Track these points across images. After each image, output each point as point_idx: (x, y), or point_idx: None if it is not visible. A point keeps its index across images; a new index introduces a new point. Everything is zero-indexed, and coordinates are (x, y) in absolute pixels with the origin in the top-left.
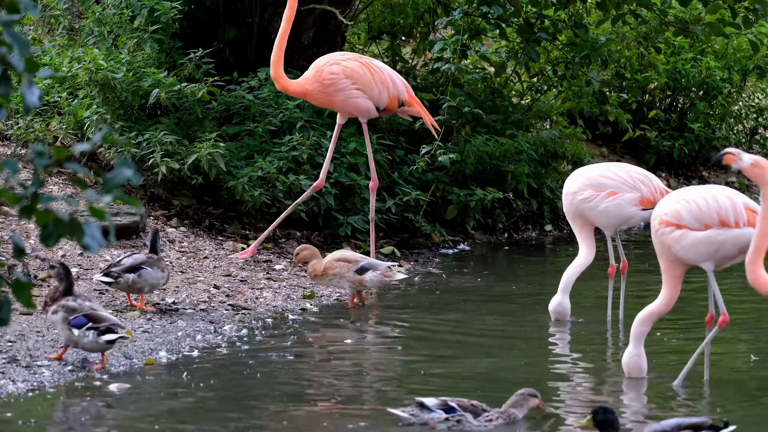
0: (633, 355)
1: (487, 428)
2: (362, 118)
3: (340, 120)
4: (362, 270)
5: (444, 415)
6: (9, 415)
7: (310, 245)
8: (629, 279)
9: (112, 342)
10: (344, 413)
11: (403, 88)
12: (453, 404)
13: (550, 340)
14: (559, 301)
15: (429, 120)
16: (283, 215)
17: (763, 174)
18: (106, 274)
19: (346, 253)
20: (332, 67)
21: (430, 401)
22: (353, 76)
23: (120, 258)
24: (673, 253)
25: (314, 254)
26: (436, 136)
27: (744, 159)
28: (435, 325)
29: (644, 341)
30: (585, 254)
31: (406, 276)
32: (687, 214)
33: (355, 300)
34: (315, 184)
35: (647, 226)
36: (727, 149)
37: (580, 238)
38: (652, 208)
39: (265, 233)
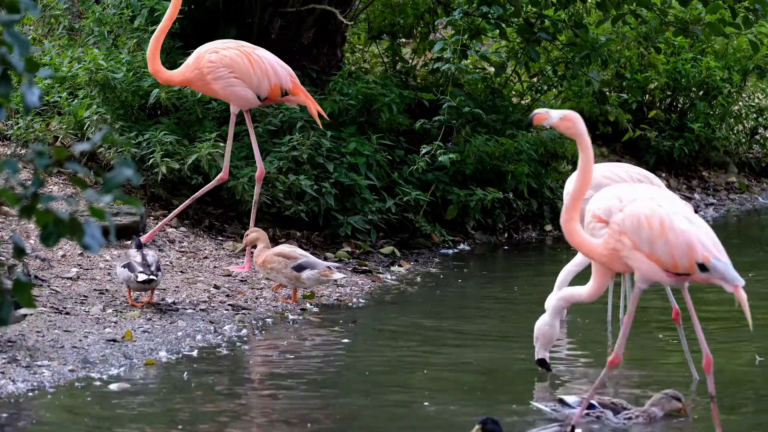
0: (547, 325)
1: (626, 426)
2: (244, 107)
3: (233, 109)
4: (299, 268)
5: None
6: (9, 415)
7: (260, 229)
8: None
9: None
10: (344, 413)
11: (286, 77)
12: (593, 401)
13: None
14: (555, 298)
15: (314, 108)
16: (182, 205)
17: (573, 126)
18: (151, 273)
19: (287, 248)
20: (211, 55)
21: (570, 398)
22: (231, 65)
23: (142, 257)
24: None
25: (261, 238)
26: (320, 125)
27: (552, 115)
28: (435, 325)
29: (562, 313)
30: (583, 254)
31: (343, 276)
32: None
33: (298, 295)
34: (219, 176)
35: None
36: (536, 110)
37: None
38: None
39: (172, 215)
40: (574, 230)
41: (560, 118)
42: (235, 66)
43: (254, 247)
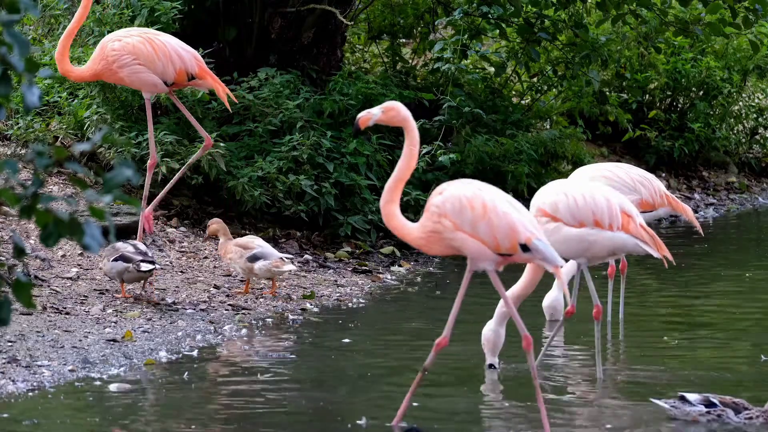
0: (492, 331)
1: (746, 425)
2: (150, 92)
3: (145, 95)
4: (254, 258)
5: (704, 410)
6: (9, 415)
7: (221, 221)
8: (629, 279)
9: None
10: (345, 413)
11: (191, 61)
12: (714, 400)
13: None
14: (554, 297)
15: (223, 92)
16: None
17: (398, 114)
18: (151, 262)
19: (246, 239)
20: (114, 44)
21: (692, 396)
22: (134, 52)
23: (133, 247)
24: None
25: (222, 230)
26: (230, 109)
27: (374, 112)
28: (435, 325)
29: (506, 322)
30: None
31: (294, 268)
32: (564, 209)
33: (249, 288)
34: (148, 163)
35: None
36: (359, 115)
37: None
38: (652, 211)
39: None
40: (392, 213)
41: (382, 111)
42: (139, 53)
43: (216, 237)
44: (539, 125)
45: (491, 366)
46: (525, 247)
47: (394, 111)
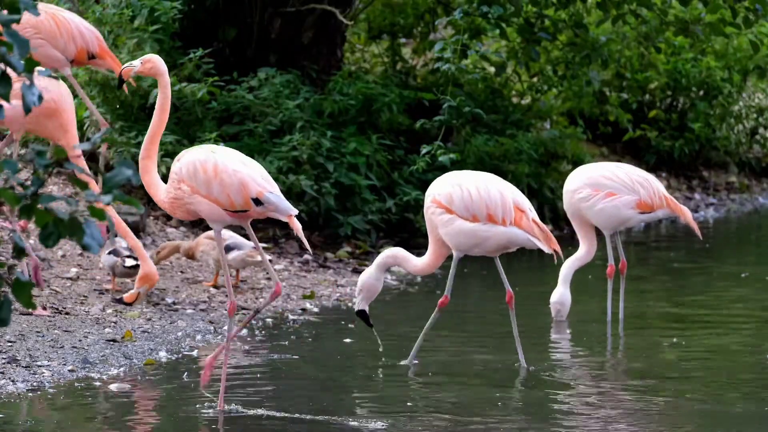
0: (371, 277)
1: None
2: (53, 66)
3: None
4: (226, 249)
5: None
6: (9, 415)
7: (168, 244)
8: (628, 279)
9: None
10: (345, 414)
11: (93, 41)
12: None
13: (550, 339)
14: (561, 293)
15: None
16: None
17: (154, 66)
18: (135, 257)
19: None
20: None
21: None
22: (37, 26)
23: (125, 243)
24: (438, 234)
25: (173, 248)
26: (125, 89)
27: (135, 64)
28: (435, 325)
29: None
30: (584, 251)
31: (269, 257)
32: (458, 201)
33: (218, 281)
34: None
35: (647, 227)
36: (123, 66)
37: (580, 236)
38: (650, 212)
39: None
40: (145, 168)
41: (141, 63)
42: (41, 27)
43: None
44: (539, 125)
45: (361, 313)
46: (258, 201)
47: (151, 63)
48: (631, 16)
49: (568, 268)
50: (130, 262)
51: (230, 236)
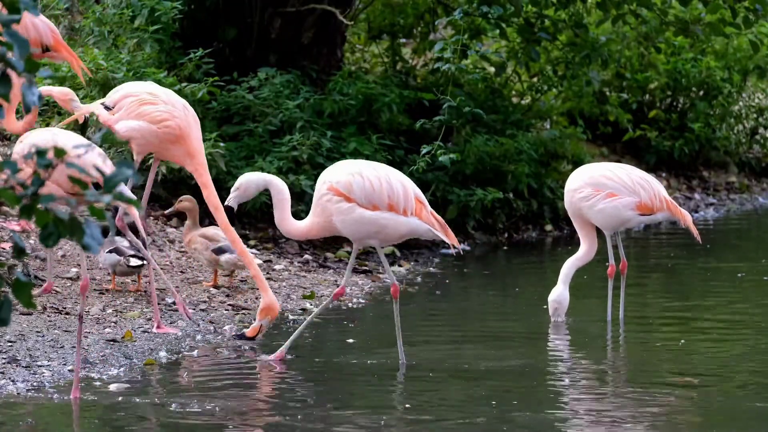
0: (253, 179)
1: None
2: None
3: None
4: (219, 251)
5: None
6: (9, 415)
7: (194, 200)
8: (628, 279)
9: None
10: (345, 414)
11: (47, 33)
12: None
13: (550, 340)
14: (560, 291)
15: (77, 65)
16: None
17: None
18: (143, 257)
19: (212, 230)
20: None
21: None
22: None
23: (129, 242)
24: (333, 222)
25: (193, 211)
26: (85, 84)
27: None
28: (435, 325)
29: None
30: (585, 250)
31: (259, 261)
32: (359, 190)
33: (218, 280)
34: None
35: (647, 226)
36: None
37: (581, 235)
38: (650, 214)
39: None
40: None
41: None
42: None
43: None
44: (539, 125)
45: (230, 210)
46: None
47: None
48: (631, 16)
49: (568, 267)
50: (134, 262)
51: (223, 238)
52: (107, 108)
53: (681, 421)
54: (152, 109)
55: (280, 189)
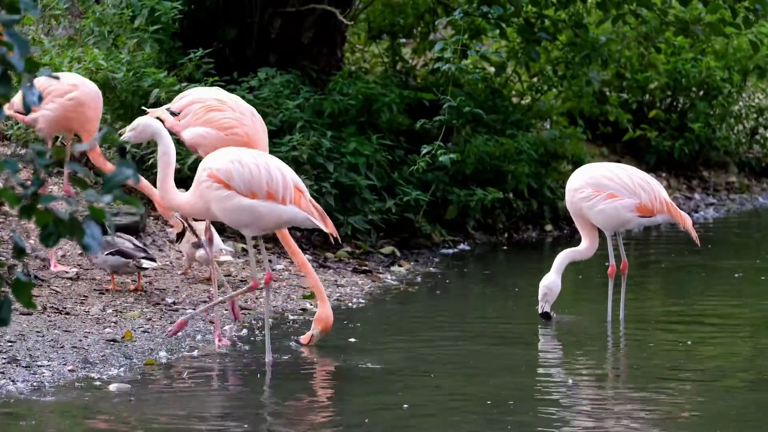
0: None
1: None
2: None
3: None
4: (197, 246)
5: None
6: (9, 415)
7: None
8: (629, 279)
9: None
10: (346, 414)
11: None
12: None
13: (550, 340)
14: (552, 279)
15: None
16: None
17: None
18: (152, 259)
19: (200, 225)
20: None
21: None
22: None
23: (132, 244)
24: (211, 208)
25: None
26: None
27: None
28: (435, 325)
29: None
30: (585, 246)
31: (231, 260)
32: (238, 177)
33: (189, 270)
34: None
35: (647, 228)
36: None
37: (583, 234)
38: (650, 216)
39: None
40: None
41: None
42: None
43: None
44: (539, 125)
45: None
46: None
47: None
48: (631, 16)
49: (564, 257)
50: (147, 264)
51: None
52: (173, 114)
53: (681, 421)
54: (220, 115)
55: (167, 148)
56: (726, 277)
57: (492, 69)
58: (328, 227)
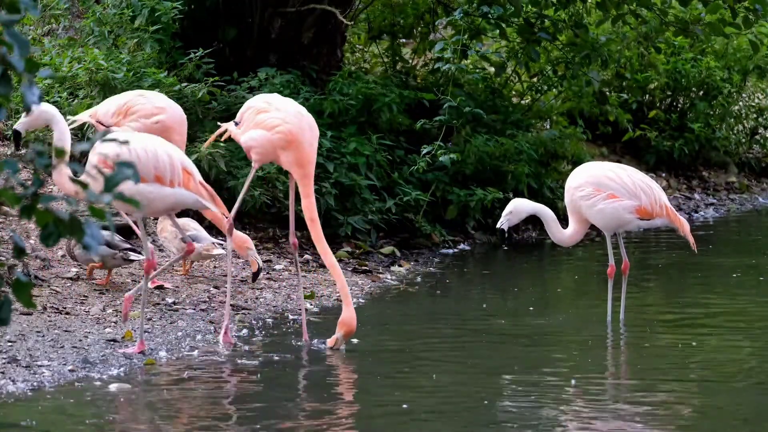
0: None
1: None
2: None
3: None
4: (184, 241)
5: None
6: (9, 415)
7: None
8: (629, 279)
9: None
10: (346, 414)
11: None
12: None
13: (550, 340)
14: (525, 203)
15: None
16: None
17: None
18: (140, 253)
19: (183, 221)
20: None
21: None
22: None
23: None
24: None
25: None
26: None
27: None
28: (435, 325)
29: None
30: (568, 233)
31: (222, 252)
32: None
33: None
34: None
35: (647, 229)
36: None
37: (572, 222)
38: (649, 219)
39: None
40: None
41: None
42: None
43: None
44: (539, 125)
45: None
46: None
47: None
48: (631, 16)
49: (550, 214)
50: (134, 256)
51: (194, 228)
52: (236, 124)
53: (682, 421)
54: (266, 116)
55: (62, 134)
56: (726, 277)
57: (492, 69)
58: (219, 207)
